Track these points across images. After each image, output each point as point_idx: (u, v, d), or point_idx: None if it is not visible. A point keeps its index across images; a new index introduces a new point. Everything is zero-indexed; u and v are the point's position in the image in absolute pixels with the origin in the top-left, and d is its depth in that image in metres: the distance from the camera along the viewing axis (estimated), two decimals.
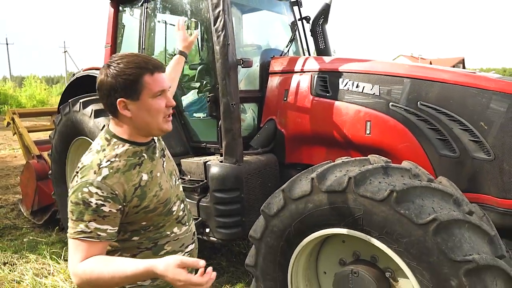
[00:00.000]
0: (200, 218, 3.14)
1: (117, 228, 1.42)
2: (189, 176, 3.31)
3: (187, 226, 1.70)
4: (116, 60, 1.44)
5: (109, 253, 1.50)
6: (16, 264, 4.01)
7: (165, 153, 1.71)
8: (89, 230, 1.35)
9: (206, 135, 3.58)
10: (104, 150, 1.47)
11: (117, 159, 1.45)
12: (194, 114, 3.65)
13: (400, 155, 2.68)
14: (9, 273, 3.78)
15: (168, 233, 1.59)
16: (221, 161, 3.08)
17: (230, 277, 3.73)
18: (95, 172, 1.39)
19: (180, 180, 1.80)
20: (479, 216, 2.06)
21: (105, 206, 1.36)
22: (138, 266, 1.30)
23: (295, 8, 4.36)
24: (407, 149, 2.67)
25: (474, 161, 2.43)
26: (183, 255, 1.63)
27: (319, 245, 2.45)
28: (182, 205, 1.71)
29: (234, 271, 3.83)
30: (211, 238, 3.14)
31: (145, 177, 1.50)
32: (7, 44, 48.64)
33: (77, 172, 1.43)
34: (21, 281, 3.64)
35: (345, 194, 1.98)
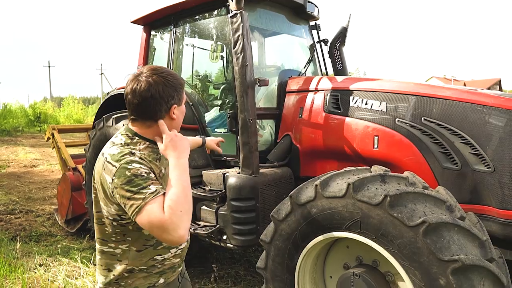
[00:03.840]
0: (218, 225, 3.35)
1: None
2: (209, 187, 3.55)
3: None
4: (156, 71, 1.62)
5: (115, 241, 1.66)
6: (50, 266, 4.34)
7: None
8: (153, 190, 1.46)
9: (226, 149, 3.81)
10: (128, 144, 1.63)
11: (141, 152, 1.62)
12: (216, 130, 3.92)
13: (405, 167, 2.83)
14: (44, 273, 4.10)
15: None
16: (239, 173, 3.31)
17: (247, 285, 3.89)
18: (130, 155, 1.54)
19: None
20: (473, 222, 2.18)
21: (151, 174, 1.52)
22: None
23: (314, 31, 4.62)
24: (412, 162, 2.81)
25: (475, 173, 2.55)
26: (177, 252, 1.78)
27: (326, 250, 2.61)
28: None
29: (251, 280, 4.00)
30: (228, 244, 3.34)
31: (163, 170, 1.69)
32: (49, 66, 51.32)
33: (109, 162, 1.54)
34: (54, 281, 3.94)
35: (345, 199, 2.16)
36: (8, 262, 4.28)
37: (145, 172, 1.50)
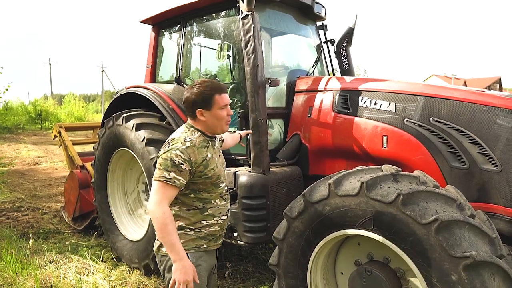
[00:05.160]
0: (229, 223, 3.41)
1: (186, 182, 2.11)
2: None
3: (225, 202, 2.37)
4: (197, 84, 2.20)
5: (171, 205, 2.14)
6: (60, 263, 4.39)
7: (220, 149, 2.45)
8: (169, 177, 2.05)
9: (236, 148, 3.86)
10: (186, 132, 2.22)
11: (195, 139, 2.18)
12: None
13: (414, 167, 2.89)
14: (54, 270, 4.16)
15: (213, 201, 2.27)
16: (249, 171, 3.37)
17: (256, 282, 3.96)
18: (181, 143, 2.12)
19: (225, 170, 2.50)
20: (482, 220, 2.25)
21: (183, 165, 2.07)
22: (179, 245, 2.04)
23: (321, 31, 4.67)
24: (420, 161, 2.88)
25: (483, 173, 2.62)
26: (219, 221, 2.31)
27: (337, 247, 2.67)
28: (226, 187, 2.39)
29: (259, 276, 4.07)
30: (239, 241, 3.40)
31: (209, 155, 2.22)
32: (50, 64, 51.14)
33: (168, 142, 2.16)
34: (65, 277, 4.00)
35: (358, 197, 2.22)
36: (19, 259, 4.35)
37: (178, 162, 2.06)
